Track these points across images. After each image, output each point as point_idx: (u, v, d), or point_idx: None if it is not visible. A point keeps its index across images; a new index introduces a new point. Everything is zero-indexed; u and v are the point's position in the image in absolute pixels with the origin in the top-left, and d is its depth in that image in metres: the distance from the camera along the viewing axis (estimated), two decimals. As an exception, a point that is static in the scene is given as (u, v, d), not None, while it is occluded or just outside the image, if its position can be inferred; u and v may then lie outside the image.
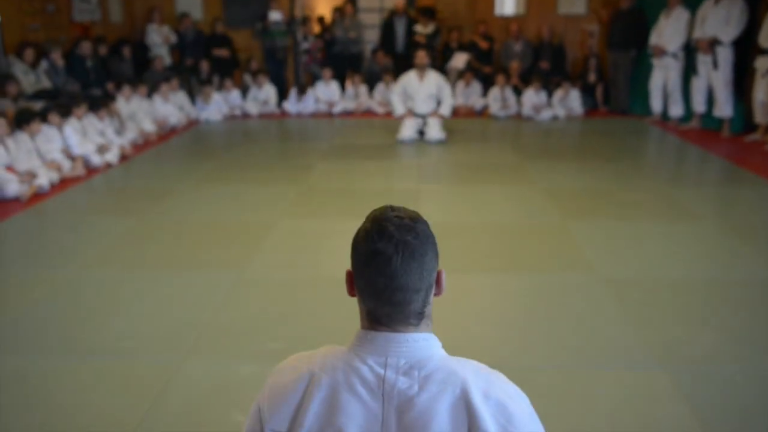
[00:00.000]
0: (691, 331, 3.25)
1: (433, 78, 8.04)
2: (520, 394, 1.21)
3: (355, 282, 1.25)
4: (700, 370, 2.91)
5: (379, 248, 1.18)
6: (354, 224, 1.33)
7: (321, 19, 11.31)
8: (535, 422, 1.19)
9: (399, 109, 8.02)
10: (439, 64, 10.61)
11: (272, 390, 1.24)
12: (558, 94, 9.62)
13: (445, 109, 7.99)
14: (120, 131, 7.62)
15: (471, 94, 10.13)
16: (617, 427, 2.53)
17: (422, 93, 8.01)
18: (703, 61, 8.07)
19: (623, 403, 2.67)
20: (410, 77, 8.06)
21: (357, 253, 1.23)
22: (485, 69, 10.47)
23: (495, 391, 1.16)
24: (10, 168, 5.72)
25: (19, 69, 7.63)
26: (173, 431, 2.54)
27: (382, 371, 1.17)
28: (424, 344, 1.21)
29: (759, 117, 7.58)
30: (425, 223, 1.24)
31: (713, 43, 7.86)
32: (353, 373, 1.18)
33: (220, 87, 9.99)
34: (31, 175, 5.73)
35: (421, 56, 7.95)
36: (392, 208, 1.24)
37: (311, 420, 1.17)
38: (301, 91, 10.06)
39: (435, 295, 1.25)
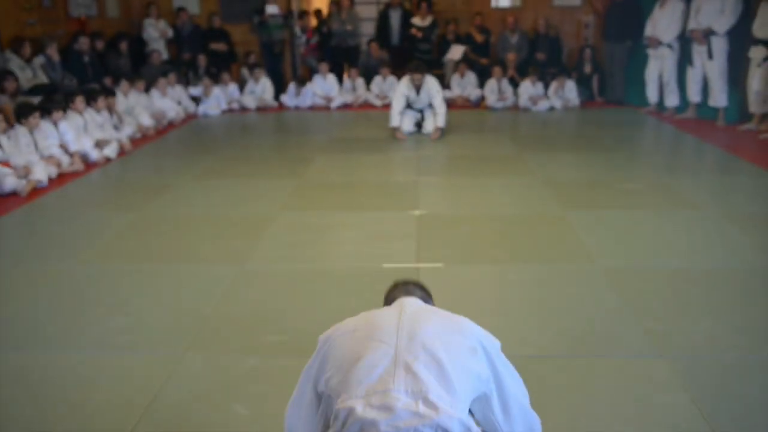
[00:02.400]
0: (690, 319, 3.28)
1: (426, 88, 7.88)
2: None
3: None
4: (699, 358, 2.94)
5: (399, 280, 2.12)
6: (353, 216, 1.39)
7: (318, 12, 11.31)
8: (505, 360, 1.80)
9: (395, 121, 7.87)
10: (436, 57, 10.62)
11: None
12: (554, 85, 9.64)
13: (440, 120, 7.82)
14: (118, 126, 7.63)
15: (466, 86, 10.14)
16: (617, 415, 2.55)
17: (419, 103, 8.00)
18: (698, 51, 8.09)
19: (623, 392, 2.69)
20: (409, 89, 7.91)
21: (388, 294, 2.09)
22: (482, 61, 10.48)
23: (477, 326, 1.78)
24: (6, 163, 5.74)
25: (15, 64, 7.62)
26: (175, 425, 2.56)
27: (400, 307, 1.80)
28: (424, 302, 1.92)
29: (753, 106, 7.61)
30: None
31: (708, 34, 7.89)
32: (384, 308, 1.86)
33: (217, 81, 9.99)
34: (28, 170, 5.75)
35: (418, 78, 7.80)
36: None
37: (355, 321, 1.79)
38: (301, 83, 10.07)
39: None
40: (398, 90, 7.96)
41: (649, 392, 2.68)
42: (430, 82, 7.89)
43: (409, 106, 7.99)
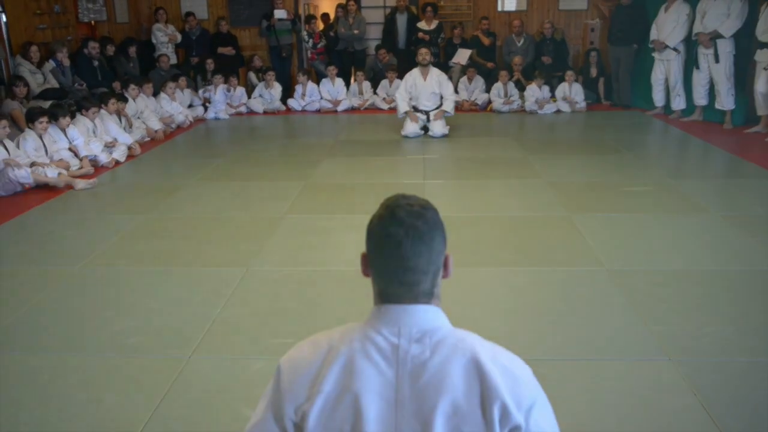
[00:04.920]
0: (697, 322, 3.27)
1: (435, 75, 8.06)
2: (522, 362, 1.30)
3: (369, 263, 1.33)
4: (707, 361, 2.93)
5: (391, 232, 1.26)
6: (360, 219, 1.38)
7: (325, 16, 11.34)
8: (537, 386, 1.28)
9: (402, 107, 8.04)
10: (442, 61, 10.64)
11: (292, 363, 1.31)
12: (560, 88, 9.65)
13: (448, 105, 8.00)
14: (127, 129, 7.68)
15: (474, 90, 10.16)
16: (625, 418, 2.56)
17: (426, 91, 8.04)
18: (704, 54, 8.09)
19: (630, 395, 2.69)
20: (414, 76, 8.07)
21: (370, 237, 1.31)
22: (488, 64, 10.50)
23: (500, 357, 1.27)
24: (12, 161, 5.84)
25: (25, 69, 7.68)
26: (182, 427, 2.57)
27: (396, 340, 1.25)
28: (432, 315, 1.29)
29: (760, 109, 7.60)
30: (434, 210, 1.31)
31: (714, 37, 7.88)
32: (369, 342, 1.26)
33: (226, 83, 10.03)
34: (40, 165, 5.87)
35: (424, 53, 7.95)
36: (404, 196, 1.32)
37: (329, 386, 1.24)
38: (312, 80, 10.14)
39: (443, 277, 1.34)
40: (402, 83, 8.19)
41: (657, 395, 2.68)
42: (439, 72, 8.09)
43: (415, 109, 8.02)
